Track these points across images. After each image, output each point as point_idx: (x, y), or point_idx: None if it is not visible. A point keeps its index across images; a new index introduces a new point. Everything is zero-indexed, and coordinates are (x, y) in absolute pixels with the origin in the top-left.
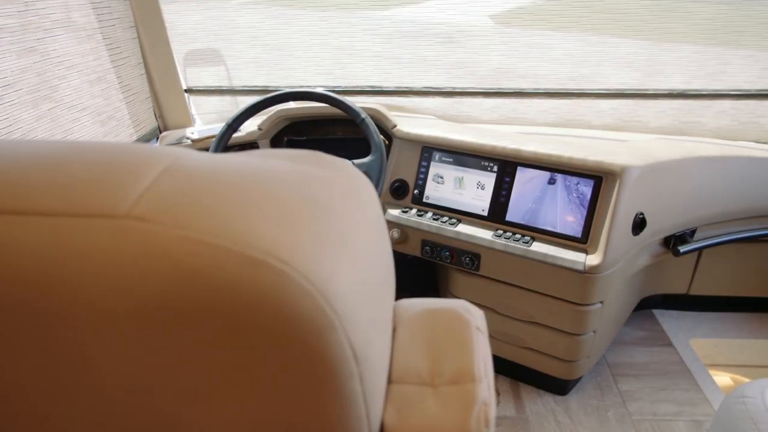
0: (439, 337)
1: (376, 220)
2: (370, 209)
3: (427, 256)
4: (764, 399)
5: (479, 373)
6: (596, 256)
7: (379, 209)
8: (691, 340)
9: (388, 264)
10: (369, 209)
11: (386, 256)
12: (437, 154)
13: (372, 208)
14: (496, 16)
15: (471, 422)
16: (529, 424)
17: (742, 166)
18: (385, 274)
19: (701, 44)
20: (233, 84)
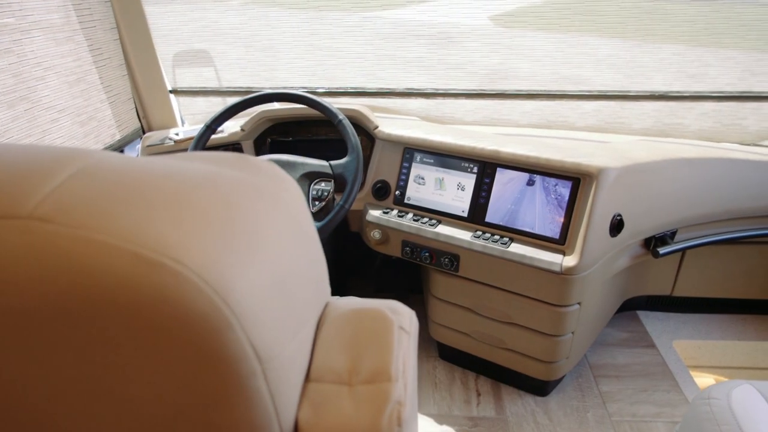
0: (361, 336)
1: (296, 222)
2: (290, 211)
3: (407, 256)
4: (729, 401)
5: (396, 372)
6: (573, 257)
7: (303, 212)
8: (674, 342)
9: (312, 265)
10: (289, 211)
11: (309, 257)
12: (418, 155)
13: (293, 210)
14: (479, 18)
15: (383, 421)
16: (508, 424)
17: (722, 168)
18: (307, 274)
19: (682, 46)
20: (217, 85)
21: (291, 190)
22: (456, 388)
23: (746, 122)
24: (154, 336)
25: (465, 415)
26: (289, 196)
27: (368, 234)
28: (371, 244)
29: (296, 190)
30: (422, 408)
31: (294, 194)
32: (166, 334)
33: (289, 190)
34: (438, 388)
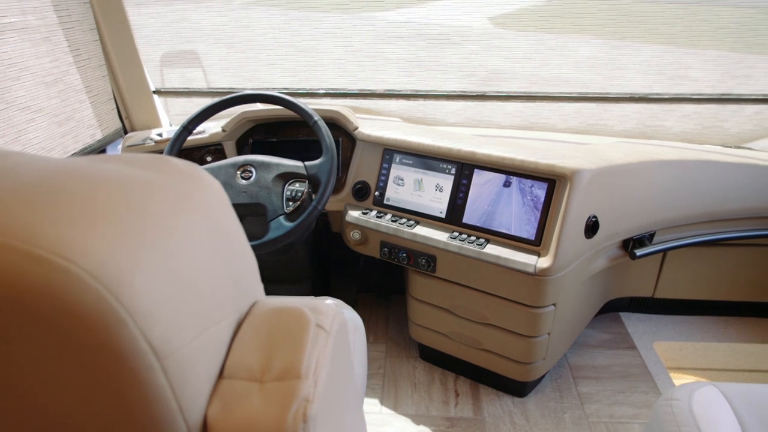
0: (277, 335)
1: (213, 223)
2: (205, 212)
3: (385, 257)
4: (690, 402)
5: (306, 370)
6: (547, 258)
7: (224, 213)
8: (655, 343)
9: (231, 265)
10: (204, 212)
11: (228, 257)
12: (398, 156)
13: (210, 211)
14: (459, 20)
15: (288, 418)
16: (485, 425)
17: (701, 170)
18: (222, 274)
19: (660, 48)
20: (205, 86)
21: (210, 192)
22: (435, 388)
23: (727, 125)
24: (44, 331)
25: (442, 415)
26: (206, 197)
27: (348, 235)
28: (351, 245)
29: (217, 192)
30: (400, 408)
31: (214, 196)
32: (56, 329)
33: (209, 191)
34: (417, 388)
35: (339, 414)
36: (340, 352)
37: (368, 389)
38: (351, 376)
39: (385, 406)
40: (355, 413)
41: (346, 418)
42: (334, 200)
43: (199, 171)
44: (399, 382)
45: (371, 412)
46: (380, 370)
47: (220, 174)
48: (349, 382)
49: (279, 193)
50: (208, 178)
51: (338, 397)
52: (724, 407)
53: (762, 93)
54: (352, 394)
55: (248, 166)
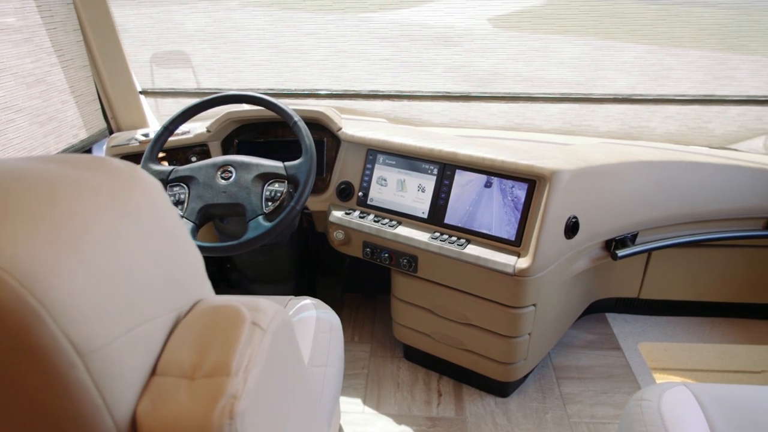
0: (212, 332)
1: (149, 223)
2: (140, 212)
3: (368, 257)
4: (660, 403)
5: (237, 367)
6: (526, 259)
7: (162, 213)
8: (640, 344)
9: (169, 263)
10: (138, 212)
11: (165, 256)
12: (381, 157)
13: (146, 211)
14: (443, 20)
15: (214, 414)
16: (466, 425)
17: (684, 171)
18: (156, 272)
19: (643, 48)
20: (188, 86)
21: (148, 192)
22: (418, 388)
23: (711, 125)
24: None
25: (424, 415)
26: (142, 197)
27: (331, 235)
28: (334, 245)
29: (155, 193)
30: (382, 408)
31: (151, 196)
32: None
33: (146, 191)
34: (400, 388)
35: (278, 411)
36: (280, 350)
37: (351, 389)
38: (298, 374)
39: (368, 405)
40: (306, 411)
41: (291, 416)
42: (319, 200)
43: (138, 172)
44: (382, 381)
45: (353, 412)
46: (364, 370)
47: (200, 174)
48: (296, 380)
49: (258, 194)
50: (148, 179)
51: (277, 394)
52: (694, 408)
53: (745, 94)
54: (301, 392)
55: (228, 166)
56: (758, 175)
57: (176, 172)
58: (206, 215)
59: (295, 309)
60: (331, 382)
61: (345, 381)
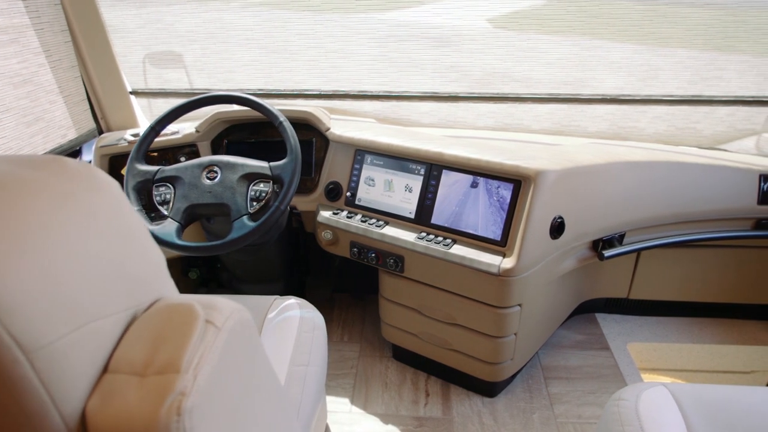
0: (165, 330)
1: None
2: (91, 212)
3: (355, 257)
4: (637, 403)
5: (187, 364)
6: (511, 259)
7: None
8: (629, 344)
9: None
10: (89, 212)
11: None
12: (369, 157)
13: (96, 211)
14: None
15: (162, 411)
16: (453, 425)
17: (671, 172)
18: (107, 271)
19: (631, 49)
20: (178, 87)
21: (103, 192)
22: (406, 388)
23: (700, 126)
24: None
25: (411, 415)
26: (96, 197)
27: (319, 235)
28: (322, 245)
29: (111, 193)
30: (370, 407)
31: (107, 196)
32: None
33: (101, 191)
34: (388, 388)
35: (236, 409)
36: (236, 348)
37: (339, 388)
38: (261, 372)
39: (355, 405)
40: (272, 409)
41: (252, 414)
42: (307, 200)
43: (93, 171)
44: (370, 381)
45: (341, 411)
46: (352, 370)
47: (186, 174)
48: (259, 378)
49: (243, 194)
50: (103, 178)
51: (234, 392)
52: (672, 407)
53: (733, 95)
54: (266, 390)
55: (214, 166)
56: (747, 175)
57: (162, 173)
58: (191, 215)
59: (280, 309)
60: (313, 381)
61: (333, 381)
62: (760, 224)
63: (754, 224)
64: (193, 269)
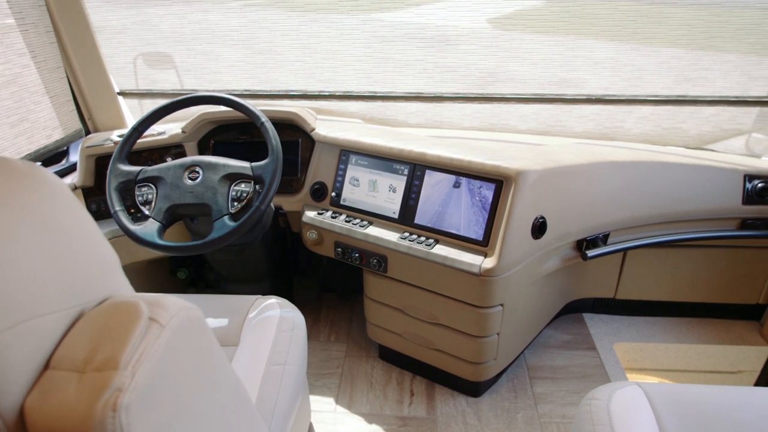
0: (108, 327)
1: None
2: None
3: (339, 257)
4: (609, 402)
5: (126, 361)
6: (492, 259)
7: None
8: (615, 344)
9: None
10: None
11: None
12: (354, 158)
13: (35, 210)
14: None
15: (98, 406)
16: (436, 424)
17: (656, 172)
18: (48, 269)
19: (614, 49)
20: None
21: (44, 191)
22: (391, 388)
23: (686, 126)
24: None
25: (396, 414)
26: (39, 195)
27: (305, 235)
28: (307, 245)
29: (53, 192)
30: (354, 407)
31: (51, 195)
32: None
33: (42, 190)
34: (373, 387)
35: (182, 407)
36: (183, 346)
37: (324, 388)
38: (213, 371)
39: (340, 404)
40: (231, 408)
41: (204, 412)
42: (293, 201)
43: (37, 171)
44: (356, 381)
45: (325, 411)
46: (338, 370)
47: (168, 174)
48: (212, 376)
49: (224, 194)
50: (47, 178)
51: (181, 390)
52: (644, 407)
53: (718, 95)
54: (221, 389)
55: (195, 166)
56: (731, 175)
57: (144, 173)
58: (173, 215)
59: (260, 308)
60: (290, 380)
61: (318, 380)
62: (745, 224)
63: (740, 224)
64: (182, 269)
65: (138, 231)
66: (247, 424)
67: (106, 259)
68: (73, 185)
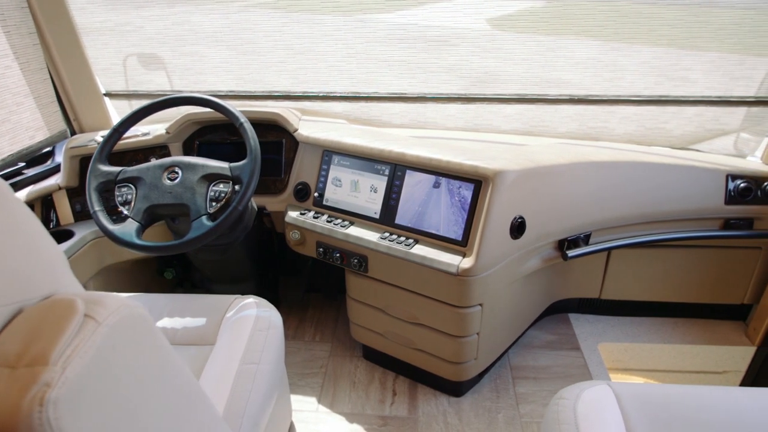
0: (43, 324)
1: None
2: None
3: (321, 257)
4: (576, 402)
5: (56, 357)
6: (470, 259)
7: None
8: (600, 345)
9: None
10: None
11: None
12: (336, 158)
13: None
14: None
15: (24, 401)
16: (417, 424)
17: (638, 172)
18: None
19: (596, 49)
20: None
21: None
22: (374, 387)
23: (669, 126)
24: None
25: (377, 414)
26: None
27: (288, 235)
28: (291, 245)
29: None
30: (336, 406)
31: None
32: None
33: None
34: (356, 387)
35: (121, 404)
36: (121, 343)
37: (307, 387)
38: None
39: (322, 404)
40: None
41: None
42: (277, 201)
43: None
44: (339, 380)
45: (307, 410)
46: (322, 369)
47: (147, 175)
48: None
49: (203, 194)
50: None
51: (120, 387)
52: (612, 406)
53: (700, 95)
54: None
55: (175, 167)
56: (714, 175)
57: (124, 173)
58: (152, 215)
59: (238, 308)
60: (264, 379)
61: (302, 380)
62: (728, 224)
63: (723, 224)
64: (169, 269)
65: (116, 231)
66: (202, 423)
67: (50, 256)
68: (57, 186)
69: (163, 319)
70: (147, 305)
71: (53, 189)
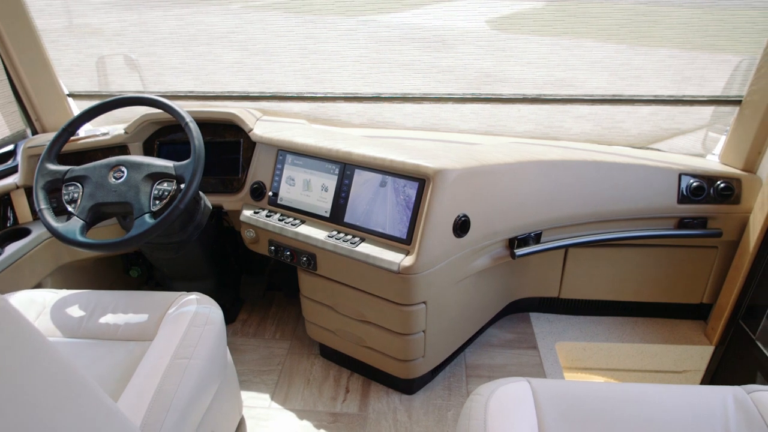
0: None
1: None
2: None
3: (273, 255)
4: (489, 398)
5: None
6: (411, 257)
7: None
8: (557, 344)
9: None
10: None
11: None
12: (290, 157)
13: None
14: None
15: None
16: (366, 421)
17: (589, 171)
18: None
19: (546, 49)
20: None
21: None
22: (327, 385)
23: (625, 125)
24: None
25: (328, 410)
26: None
27: (243, 233)
28: (246, 243)
29: None
30: (288, 403)
31: None
32: None
33: None
34: (310, 384)
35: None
36: None
37: (261, 384)
38: (35, 363)
39: (275, 401)
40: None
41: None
42: (234, 200)
43: None
44: (294, 378)
45: (259, 407)
46: (278, 366)
47: (94, 174)
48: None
49: (147, 192)
50: None
51: None
52: (527, 402)
53: (652, 94)
54: (46, 380)
55: (120, 166)
56: (666, 174)
57: (72, 172)
58: (97, 213)
59: (179, 304)
60: (193, 374)
61: (257, 377)
62: (682, 223)
63: (677, 223)
64: (135, 267)
65: (60, 228)
66: (85, 414)
67: None
68: (15, 185)
69: (107, 315)
70: (93, 302)
71: (11, 188)
